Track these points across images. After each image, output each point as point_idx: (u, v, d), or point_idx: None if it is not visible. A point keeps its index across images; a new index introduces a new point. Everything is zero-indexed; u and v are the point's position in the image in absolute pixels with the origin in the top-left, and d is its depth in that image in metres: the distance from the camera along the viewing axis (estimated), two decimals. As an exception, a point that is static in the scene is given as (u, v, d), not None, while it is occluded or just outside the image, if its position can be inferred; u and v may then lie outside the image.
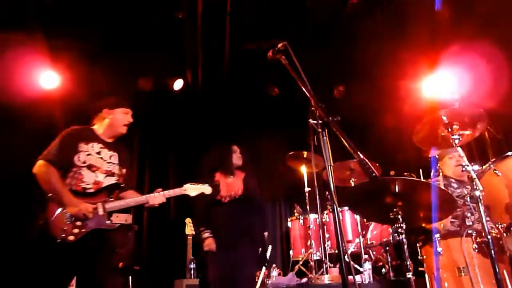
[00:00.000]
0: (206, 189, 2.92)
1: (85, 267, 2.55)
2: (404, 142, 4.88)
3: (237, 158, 3.61)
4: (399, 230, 2.52)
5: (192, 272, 4.61)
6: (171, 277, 4.83)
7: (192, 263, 4.66)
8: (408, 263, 2.45)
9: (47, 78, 4.80)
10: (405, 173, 3.49)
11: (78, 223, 2.52)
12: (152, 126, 5.81)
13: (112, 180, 2.75)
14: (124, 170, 2.88)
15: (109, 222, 2.60)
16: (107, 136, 2.88)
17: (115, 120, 2.89)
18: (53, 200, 2.52)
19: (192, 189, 2.86)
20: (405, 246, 2.47)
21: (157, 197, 2.71)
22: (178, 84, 5.66)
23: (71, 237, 2.48)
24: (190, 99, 5.78)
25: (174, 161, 5.97)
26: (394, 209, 2.48)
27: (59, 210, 2.50)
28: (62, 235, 2.46)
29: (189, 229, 4.81)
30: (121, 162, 2.87)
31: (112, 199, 2.66)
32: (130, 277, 4.32)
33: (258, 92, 5.89)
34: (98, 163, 2.73)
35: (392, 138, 5.54)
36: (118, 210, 2.69)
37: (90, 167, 2.69)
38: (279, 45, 2.19)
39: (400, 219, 2.48)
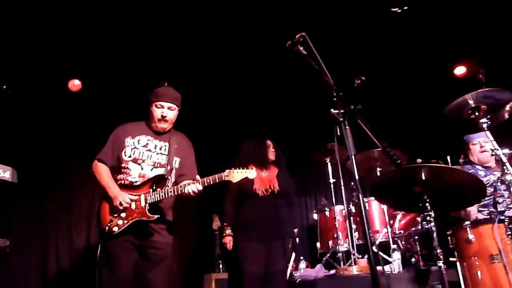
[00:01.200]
0: (251, 173, 2.66)
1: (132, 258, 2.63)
2: (430, 128, 4.77)
3: (271, 153, 3.66)
4: (428, 218, 2.48)
5: (220, 266, 4.67)
6: (200, 271, 4.91)
7: (220, 257, 4.72)
8: (438, 251, 2.41)
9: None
10: (432, 160, 3.41)
11: (123, 214, 2.60)
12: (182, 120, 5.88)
13: (159, 172, 2.74)
14: (177, 160, 2.84)
15: (151, 214, 2.59)
16: (157, 128, 2.86)
17: (151, 114, 2.85)
18: (106, 195, 2.68)
19: (234, 174, 2.60)
20: (435, 235, 2.43)
21: (194, 186, 2.57)
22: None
23: (116, 228, 2.57)
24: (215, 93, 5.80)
25: (205, 154, 6.01)
26: (422, 197, 2.44)
27: (108, 203, 2.66)
28: (109, 226, 2.58)
29: (216, 225, 4.87)
30: (173, 152, 2.82)
31: (155, 190, 2.64)
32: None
33: (281, 84, 5.86)
34: (144, 156, 2.76)
35: (417, 125, 5.44)
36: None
37: (135, 160, 2.74)
38: (297, 37, 2.18)
39: (428, 207, 2.43)
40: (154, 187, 2.64)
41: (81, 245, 4.53)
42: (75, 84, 4.88)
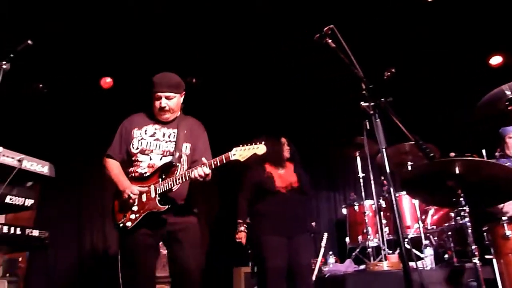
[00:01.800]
0: (260, 148, 2.38)
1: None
2: (464, 121, 4.63)
3: (286, 151, 3.64)
4: (462, 213, 2.40)
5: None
6: (230, 265, 4.97)
7: (249, 251, 4.75)
8: (473, 248, 2.34)
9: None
10: (466, 154, 3.30)
11: (135, 208, 2.51)
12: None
13: (168, 160, 2.60)
14: (188, 146, 2.67)
15: (162, 204, 2.47)
16: (160, 118, 2.72)
17: (153, 104, 2.69)
18: (118, 191, 2.60)
19: (242, 152, 2.37)
20: (469, 231, 2.36)
21: (200, 169, 2.40)
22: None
23: (129, 223, 2.50)
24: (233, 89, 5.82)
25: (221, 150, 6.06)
26: (456, 192, 2.37)
27: (120, 199, 2.58)
28: (122, 222, 2.51)
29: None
30: (182, 138, 2.66)
31: (164, 179, 2.51)
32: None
33: (307, 78, 5.82)
34: (152, 146, 2.64)
35: (450, 118, 5.27)
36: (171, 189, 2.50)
37: (143, 151, 2.62)
38: (325, 29, 2.16)
39: (463, 202, 2.36)
40: (163, 176, 2.52)
41: (114, 236, 4.67)
42: (106, 81, 5.03)
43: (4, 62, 2.36)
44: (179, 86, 2.71)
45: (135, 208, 2.51)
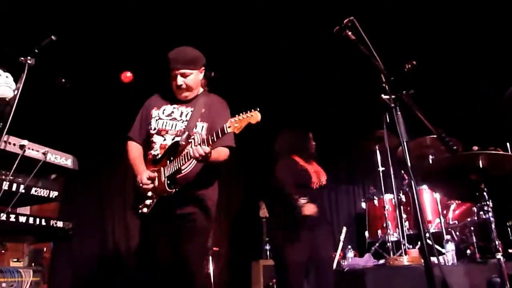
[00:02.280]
0: (253, 116, 2.20)
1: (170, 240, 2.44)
2: (488, 114, 4.50)
3: (312, 146, 3.62)
4: (485, 208, 2.35)
5: (268, 253, 4.73)
6: (248, 258, 5.01)
7: (267, 244, 4.78)
8: (497, 243, 2.29)
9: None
10: (490, 148, 3.22)
11: (150, 193, 2.41)
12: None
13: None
14: (204, 125, 2.49)
15: (170, 188, 2.35)
16: (178, 96, 2.57)
17: (171, 82, 2.54)
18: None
19: (237, 124, 2.18)
20: (493, 226, 2.31)
21: (198, 147, 2.22)
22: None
23: (145, 209, 2.42)
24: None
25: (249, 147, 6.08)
26: (479, 186, 2.32)
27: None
28: (140, 208, 2.44)
29: (263, 212, 4.93)
30: (197, 116, 2.47)
31: (172, 161, 2.37)
32: (210, 258, 4.55)
33: (325, 72, 5.76)
34: (167, 126, 2.50)
35: (472, 111, 5.14)
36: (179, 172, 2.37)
37: (159, 132, 2.51)
38: (345, 21, 2.13)
39: (486, 197, 2.31)
40: (171, 158, 2.38)
41: (135, 226, 4.75)
42: (127, 75, 5.10)
43: (29, 58, 2.42)
44: (195, 61, 2.51)
45: (149, 194, 2.42)
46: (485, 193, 2.31)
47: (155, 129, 2.53)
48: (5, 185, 2.50)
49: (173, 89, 2.56)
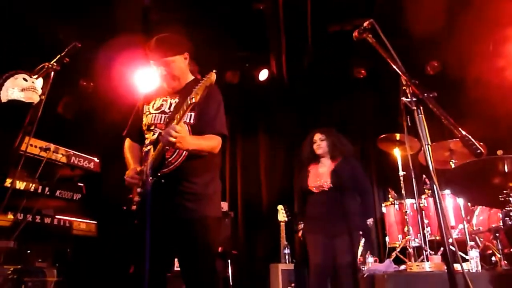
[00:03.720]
0: (209, 78, 2.07)
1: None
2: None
3: (319, 147, 3.61)
4: (511, 214, 2.29)
5: (286, 257, 4.71)
6: (266, 261, 5.00)
7: (286, 248, 4.76)
8: (523, 250, 2.22)
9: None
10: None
11: (139, 189, 2.26)
12: (242, 118, 6.05)
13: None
14: (191, 114, 2.26)
15: (150, 177, 2.15)
16: (167, 87, 2.39)
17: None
18: None
19: (197, 92, 2.03)
20: (520, 232, 2.25)
21: (167, 130, 2.03)
22: (264, 75, 5.77)
23: (134, 206, 2.28)
24: (276, 88, 5.85)
25: (266, 151, 6.11)
26: (504, 191, 2.26)
27: None
28: (130, 205, 2.31)
29: (282, 216, 4.91)
30: (180, 105, 2.15)
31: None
32: (229, 261, 4.57)
33: (345, 75, 5.74)
34: (156, 119, 2.33)
35: (497, 115, 5.01)
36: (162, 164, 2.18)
37: (149, 127, 2.35)
38: (365, 24, 2.11)
39: (512, 202, 2.26)
40: (154, 150, 2.21)
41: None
42: None
43: (54, 63, 2.50)
44: (174, 47, 2.31)
45: (139, 190, 2.26)
46: (510, 198, 2.25)
47: (145, 124, 2.38)
48: (31, 187, 2.58)
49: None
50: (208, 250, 2.22)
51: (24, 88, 2.38)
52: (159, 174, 2.17)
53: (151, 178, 2.14)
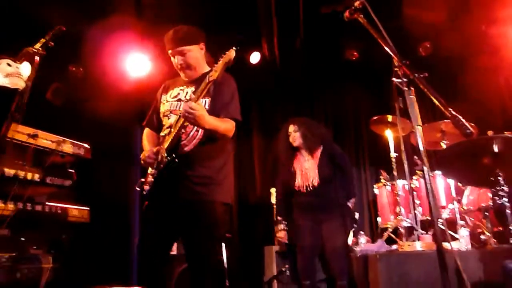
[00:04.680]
0: (228, 55, 2.18)
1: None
2: (504, 99, 4.41)
3: (295, 139, 3.56)
4: (500, 193, 2.32)
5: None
6: (260, 244, 5.04)
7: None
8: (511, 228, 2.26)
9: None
10: (506, 132, 3.16)
11: (152, 171, 2.33)
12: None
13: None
14: (206, 100, 2.35)
15: (165, 160, 2.24)
16: (184, 77, 2.52)
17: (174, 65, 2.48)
18: None
19: (216, 69, 2.18)
20: (508, 211, 2.28)
21: (184, 105, 2.17)
22: (255, 58, 5.70)
23: (146, 186, 2.34)
24: (269, 70, 5.79)
25: (258, 137, 6.09)
26: (494, 171, 2.28)
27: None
28: (143, 187, 2.36)
29: (274, 198, 4.93)
30: (197, 92, 2.27)
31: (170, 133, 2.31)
32: (223, 245, 4.59)
33: (337, 57, 5.69)
34: (173, 107, 2.44)
35: (489, 96, 5.03)
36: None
37: (166, 114, 2.46)
38: (356, 4, 2.08)
39: (501, 181, 2.28)
40: (170, 131, 2.32)
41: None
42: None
43: (39, 48, 2.43)
44: (191, 37, 2.42)
45: (152, 171, 2.33)
46: (500, 178, 2.28)
47: (163, 112, 2.49)
48: (21, 175, 2.55)
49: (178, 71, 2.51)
50: (212, 234, 2.27)
51: (9, 73, 2.32)
52: (173, 155, 2.23)
53: (166, 157, 2.22)
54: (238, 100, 2.41)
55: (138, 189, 2.39)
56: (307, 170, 3.50)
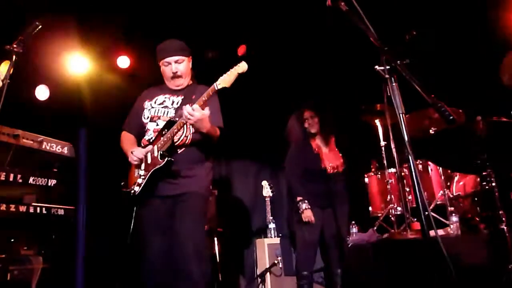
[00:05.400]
0: (239, 67, 2.30)
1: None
2: (492, 83, 4.39)
3: (311, 126, 3.58)
4: (488, 178, 2.32)
5: (272, 231, 4.74)
6: (251, 236, 5.05)
7: (271, 223, 4.79)
8: (500, 213, 2.26)
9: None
10: (494, 117, 3.15)
11: (142, 172, 2.47)
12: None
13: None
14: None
15: (162, 160, 2.38)
16: (173, 86, 2.67)
17: (163, 73, 2.66)
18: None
19: (225, 78, 2.30)
20: (497, 195, 2.28)
21: (187, 107, 2.29)
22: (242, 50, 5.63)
23: (137, 188, 2.45)
24: (257, 62, 5.72)
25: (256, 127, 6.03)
26: (481, 156, 2.27)
27: (130, 170, 2.56)
28: (132, 188, 2.48)
29: (266, 191, 4.92)
30: (187, 102, 2.48)
31: (164, 135, 2.45)
32: (215, 239, 4.58)
33: (322, 46, 5.64)
34: (159, 112, 2.59)
35: (476, 81, 5.02)
36: (172, 146, 2.44)
37: (152, 119, 2.59)
38: (337, -10, 2.04)
39: (489, 167, 2.27)
40: (163, 133, 2.45)
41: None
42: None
43: (15, 46, 2.37)
44: (186, 49, 2.64)
45: (141, 172, 2.47)
46: (487, 163, 2.27)
47: (148, 117, 2.61)
48: (2, 176, 2.50)
49: (165, 80, 2.67)
50: (197, 222, 2.44)
51: (-15, 72, 2.27)
52: (168, 157, 2.37)
53: (162, 158, 2.37)
54: (220, 109, 2.65)
55: (130, 190, 2.47)
56: (330, 155, 3.56)
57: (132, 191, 2.46)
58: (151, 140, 2.53)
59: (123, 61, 5.00)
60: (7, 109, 2.29)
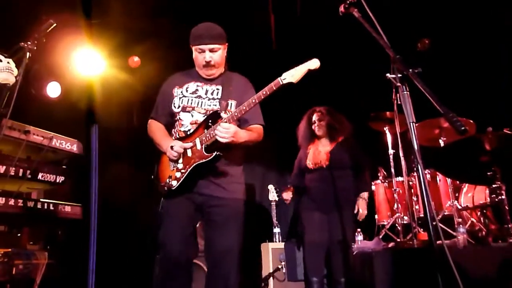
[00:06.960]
0: (311, 62, 2.20)
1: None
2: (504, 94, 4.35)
3: (318, 128, 3.61)
4: (498, 191, 2.29)
5: (277, 236, 4.73)
6: (257, 241, 5.02)
7: (276, 227, 4.77)
8: (509, 226, 2.23)
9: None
10: (505, 129, 3.11)
11: (180, 165, 2.32)
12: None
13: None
14: (233, 103, 2.41)
15: (208, 154, 2.25)
16: (204, 74, 2.49)
17: (195, 59, 2.46)
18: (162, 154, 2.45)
19: (293, 73, 2.19)
20: (506, 208, 2.25)
21: (220, 128, 2.20)
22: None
23: (174, 182, 2.32)
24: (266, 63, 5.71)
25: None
26: (491, 168, 2.25)
27: (164, 161, 2.42)
28: (167, 182, 2.35)
29: (272, 195, 4.90)
30: (227, 94, 2.40)
31: (210, 127, 2.29)
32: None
33: (334, 53, 5.62)
34: (193, 103, 2.42)
35: (487, 91, 4.96)
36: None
37: (185, 109, 2.42)
38: (350, -1, 2.04)
39: (499, 179, 2.24)
40: (209, 125, 2.29)
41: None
42: (134, 60, 5.06)
43: (29, 43, 2.40)
44: (222, 37, 2.42)
45: (180, 166, 2.32)
46: (497, 175, 2.24)
47: (179, 106, 2.44)
48: (12, 171, 2.52)
49: (197, 66, 2.49)
50: (236, 230, 2.36)
51: (0, 68, 2.29)
52: (217, 152, 2.24)
53: (209, 152, 2.24)
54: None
55: (165, 187, 2.35)
56: (319, 151, 3.54)
57: (168, 186, 2.33)
58: (188, 133, 2.38)
59: (135, 60, 5.03)
60: (19, 105, 2.32)
